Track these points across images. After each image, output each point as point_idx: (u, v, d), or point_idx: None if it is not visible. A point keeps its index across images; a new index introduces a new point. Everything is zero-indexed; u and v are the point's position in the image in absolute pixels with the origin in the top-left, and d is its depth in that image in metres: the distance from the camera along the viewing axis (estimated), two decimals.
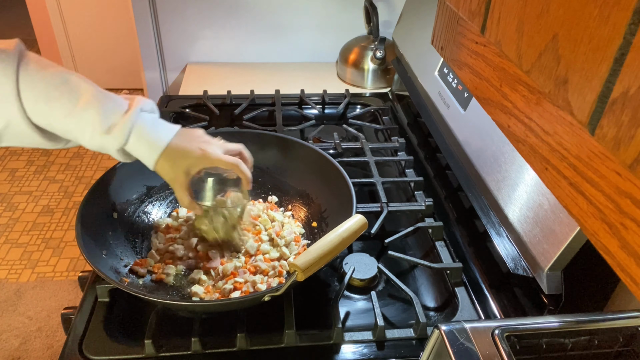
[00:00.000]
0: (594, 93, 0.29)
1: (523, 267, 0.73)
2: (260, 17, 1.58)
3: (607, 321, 0.55)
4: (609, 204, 0.29)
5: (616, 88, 0.27)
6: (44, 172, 2.61)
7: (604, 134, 0.29)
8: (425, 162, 1.13)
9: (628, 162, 0.27)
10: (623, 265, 0.28)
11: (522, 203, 0.75)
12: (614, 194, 0.29)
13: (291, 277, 0.65)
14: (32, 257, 2.11)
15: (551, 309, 0.70)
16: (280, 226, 0.89)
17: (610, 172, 0.29)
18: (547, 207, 0.69)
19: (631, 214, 0.27)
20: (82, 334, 0.71)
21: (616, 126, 0.27)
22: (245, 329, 0.70)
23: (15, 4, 4.49)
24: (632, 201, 0.27)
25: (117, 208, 0.85)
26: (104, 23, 3.07)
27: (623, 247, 0.28)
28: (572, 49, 0.31)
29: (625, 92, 0.26)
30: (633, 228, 0.27)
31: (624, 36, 0.26)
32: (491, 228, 0.82)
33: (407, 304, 0.79)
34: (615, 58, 0.27)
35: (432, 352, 0.52)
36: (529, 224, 0.72)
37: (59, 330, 1.81)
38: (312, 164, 0.93)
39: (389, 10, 1.60)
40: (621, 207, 0.28)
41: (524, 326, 0.53)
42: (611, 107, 0.28)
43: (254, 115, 1.27)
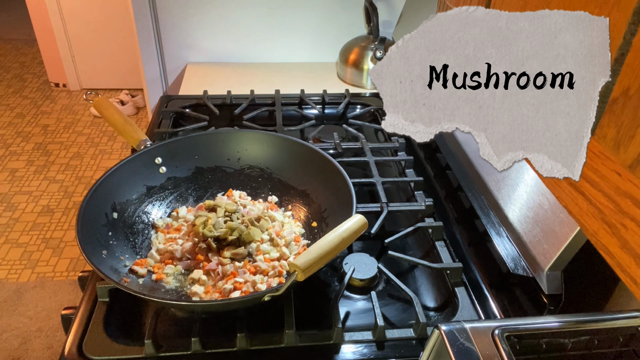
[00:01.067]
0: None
1: (523, 267, 0.73)
2: (260, 17, 1.58)
3: (607, 321, 0.55)
4: (609, 204, 0.29)
5: (616, 88, 0.27)
6: (44, 172, 2.61)
7: (604, 134, 0.29)
8: (425, 162, 1.13)
9: (628, 162, 0.27)
10: (623, 265, 0.28)
11: (522, 203, 0.75)
12: (614, 194, 0.29)
13: (291, 277, 0.65)
14: (32, 257, 2.11)
15: (551, 309, 0.70)
16: (280, 226, 0.89)
17: (610, 172, 0.29)
18: (547, 207, 0.69)
19: (631, 214, 0.27)
20: (82, 334, 0.71)
21: (616, 126, 0.27)
22: (245, 329, 0.70)
23: (15, 4, 4.50)
24: (632, 201, 0.27)
25: (117, 208, 0.85)
26: (104, 23, 3.07)
27: (623, 247, 0.28)
28: None
29: (625, 92, 0.26)
30: (633, 228, 0.27)
31: (624, 36, 0.26)
32: (491, 228, 0.82)
33: (407, 304, 0.79)
34: (615, 58, 0.27)
35: (432, 352, 0.52)
36: (529, 224, 0.72)
37: (59, 330, 1.81)
38: (312, 164, 0.93)
39: (389, 10, 1.60)
40: (621, 207, 0.28)
41: (524, 326, 0.53)
42: (611, 107, 0.28)
43: (254, 115, 1.27)
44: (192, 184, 0.97)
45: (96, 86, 3.36)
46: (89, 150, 2.80)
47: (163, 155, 0.94)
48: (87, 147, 2.83)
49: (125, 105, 3.09)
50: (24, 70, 3.60)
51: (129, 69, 3.22)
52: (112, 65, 3.26)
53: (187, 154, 0.97)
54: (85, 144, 2.85)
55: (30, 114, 3.09)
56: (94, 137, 2.92)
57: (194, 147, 0.97)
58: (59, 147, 2.81)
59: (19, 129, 2.94)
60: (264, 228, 0.86)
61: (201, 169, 0.98)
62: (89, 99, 1.02)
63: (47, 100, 3.25)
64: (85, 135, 2.93)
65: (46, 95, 3.30)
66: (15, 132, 2.91)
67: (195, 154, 0.97)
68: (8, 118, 3.03)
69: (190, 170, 0.97)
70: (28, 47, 3.93)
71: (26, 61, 3.74)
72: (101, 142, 2.87)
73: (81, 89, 3.38)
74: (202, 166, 0.98)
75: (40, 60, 3.61)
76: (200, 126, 1.21)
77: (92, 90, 1.47)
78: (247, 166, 0.99)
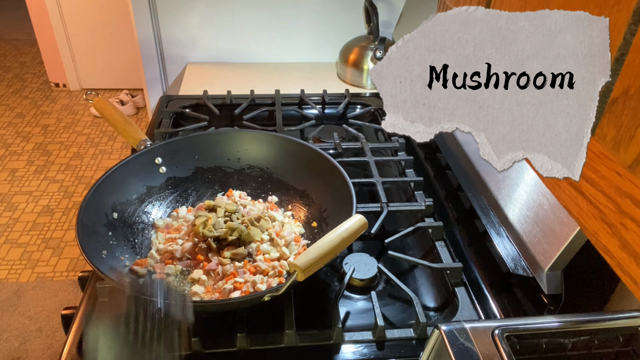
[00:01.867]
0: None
1: (523, 267, 0.73)
2: (260, 17, 1.58)
3: (607, 321, 0.55)
4: (609, 204, 0.29)
5: (616, 88, 0.27)
6: (44, 172, 2.61)
7: (604, 134, 0.29)
8: (425, 162, 1.13)
9: (628, 162, 0.27)
10: (623, 265, 0.28)
11: (522, 203, 0.75)
12: (614, 194, 0.29)
13: (291, 277, 0.65)
14: (32, 257, 2.11)
15: (551, 309, 0.70)
16: (280, 226, 0.89)
17: (610, 172, 0.29)
18: (547, 207, 0.69)
19: (631, 214, 0.27)
20: (82, 334, 0.71)
21: (616, 126, 0.27)
22: (245, 329, 0.70)
23: (15, 4, 4.50)
24: (632, 201, 0.27)
25: (117, 208, 0.85)
26: (104, 23, 3.07)
27: (623, 247, 0.28)
28: None
29: (625, 92, 0.26)
30: (633, 228, 0.27)
31: (624, 36, 0.26)
32: (491, 228, 0.82)
33: (407, 304, 0.79)
34: (615, 58, 0.27)
35: (432, 352, 0.52)
36: (529, 224, 0.72)
37: (59, 330, 1.81)
38: (312, 164, 0.93)
39: (389, 10, 1.60)
40: (621, 207, 0.28)
41: (524, 326, 0.53)
42: (611, 107, 0.28)
43: (254, 115, 1.27)
44: (192, 184, 0.97)
45: (96, 86, 3.36)
46: (89, 150, 2.80)
47: (163, 155, 0.94)
48: (87, 147, 2.83)
49: (125, 105, 3.09)
50: (24, 70, 3.60)
51: (129, 69, 3.22)
52: (112, 65, 3.26)
53: (187, 154, 0.97)
54: (85, 144, 2.85)
55: (30, 114, 3.09)
56: (94, 137, 2.92)
57: (194, 147, 0.97)
58: (59, 147, 2.81)
59: (19, 129, 2.94)
60: (264, 228, 0.86)
61: (201, 169, 0.98)
62: (89, 98, 1.02)
63: (47, 100, 3.25)
64: (85, 135, 2.93)
65: (46, 95, 3.30)
66: (15, 132, 2.91)
67: (195, 154, 0.97)
68: (8, 118, 3.03)
69: (190, 170, 0.97)
70: (28, 47, 3.93)
71: (26, 61, 3.74)
72: (101, 142, 2.87)
73: (81, 89, 3.38)
74: (202, 166, 0.98)
75: (40, 60, 3.61)
76: (200, 126, 1.21)
77: (92, 90, 1.47)
78: (247, 166, 0.99)
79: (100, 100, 1.01)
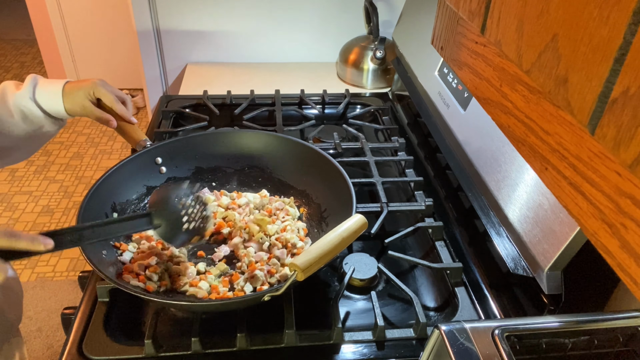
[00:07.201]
0: (594, 93, 0.29)
1: (523, 267, 0.73)
2: (260, 17, 1.58)
3: (607, 321, 0.55)
4: (609, 204, 0.29)
5: (616, 88, 0.27)
6: (44, 172, 2.61)
7: (604, 134, 0.29)
8: (425, 162, 1.13)
9: (628, 162, 0.27)
10: (623, 265, 0.28)
11: (522, 203, 0.75)
12: (614, 194, 0.29)
13: (291, 277, 0.65)
14: (32, 257, 2.11)
15: (551, 309, 0.70)
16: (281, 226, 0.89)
17: (610, 172, 0.29)
18: (547, 207, 0.69)
19: (631, 214, 0.27)
20: (82, 334, 0.71)
21: (616, 126, 0.27)
22: (245, 329, 0.70)
23: (15, 4, 4.49)
24: (632, 201, 0.27)
25: (117, 208, 0.85)
26: (104, 23, 3.07)
27: (623, 247, 0.28)
28: (572, 48, 0.31)
29: (625, 92, 0.26)
30: (633, 228, 0.27)
31: (624, 36, 0.26)
32: (491, 228, 0.82)
33: (407, 304, 0.79)
34: (615, 58, 0.27)
35: (432, 352, 0.52)
36: (529, 224, 0.72)
37: (59, 330, 1.81)
38: (312, 164, 0.93)
39: (389, 10, 1.60)
40: (621, 207, 0.28)
41: (524, 326, 0.53)
42: (611, 107, 0.28)
43: (254, 115, 1.27)
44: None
45: None
46: (89, 150, 2.80)
47: (163, 155, 0.94)
48: (87, 147, 2.83)
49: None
50: (24, 70, 3.60)
51: (129, 69, 3.22)
52: (112, 65, 3.25)
53: (187, 154, 0.97)
54: (85, 144, 2.85)
55: None
56: (94, 137, 2.92)
57: (194, 147, 0.97)
58: (59, 147, 2.80)
59: None
60: (264, 228, 0.86)
61: (201, 169, 0.98)
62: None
63: None
64: (85, 135, 2.93)
65: None
66: None
67: (195, 154, 0.97)
68: None
69: (190, 170, 0.97)
70: (28, 47, 3.93)
71: (26, 61, 3.74)
72: (101, 142, 2.87)
73: None
74: (202, 166, 0.98)
75: (40, 60, 3.61)
76: (200, 126, 1.21)
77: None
78: (247, 166, 0.99)
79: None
